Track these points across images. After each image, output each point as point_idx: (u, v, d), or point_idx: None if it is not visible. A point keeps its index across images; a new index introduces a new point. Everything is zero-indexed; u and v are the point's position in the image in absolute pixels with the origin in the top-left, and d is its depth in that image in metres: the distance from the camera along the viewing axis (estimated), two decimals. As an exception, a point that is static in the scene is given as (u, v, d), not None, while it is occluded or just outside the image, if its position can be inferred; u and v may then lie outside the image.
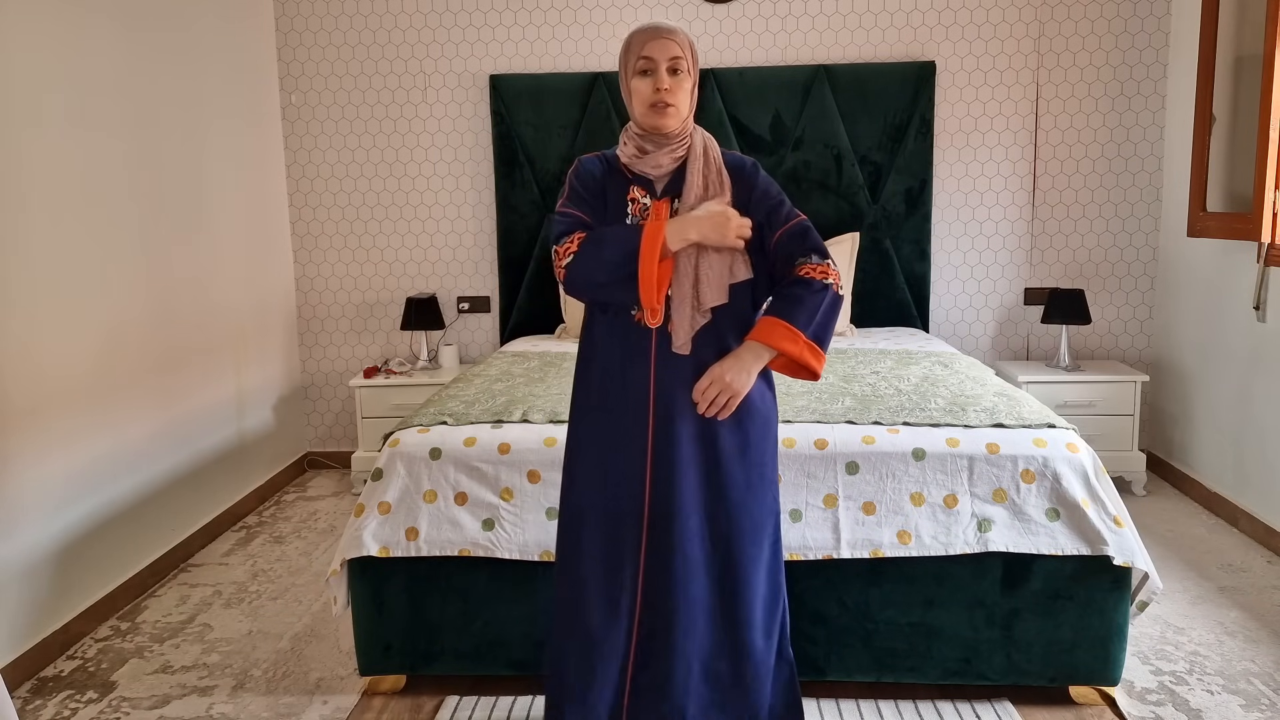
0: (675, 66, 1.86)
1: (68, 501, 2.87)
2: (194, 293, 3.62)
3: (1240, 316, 3.59)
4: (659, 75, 1.85)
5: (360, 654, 2.50)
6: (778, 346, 1.86)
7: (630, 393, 1.91)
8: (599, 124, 4.22)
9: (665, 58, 1.85)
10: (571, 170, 1.99)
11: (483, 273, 4.50)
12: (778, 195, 1.94)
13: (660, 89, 1.84)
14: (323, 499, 4.17)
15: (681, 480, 1.89)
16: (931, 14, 4.22)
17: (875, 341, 3.79)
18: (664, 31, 1.86)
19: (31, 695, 2.58)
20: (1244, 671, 2.57)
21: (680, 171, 1.92)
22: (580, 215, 1.92)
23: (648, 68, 1.86)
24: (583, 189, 1.94)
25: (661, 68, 1.85)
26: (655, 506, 1.91)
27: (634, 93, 1.89)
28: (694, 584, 1.92)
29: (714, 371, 1.87)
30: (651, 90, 1.85)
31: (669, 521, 1.90)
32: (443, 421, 2.55)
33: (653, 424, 1.90)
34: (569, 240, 1.88)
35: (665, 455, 1.89)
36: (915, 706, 2.40)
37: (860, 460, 2.37)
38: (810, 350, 1.86)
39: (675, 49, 1.85)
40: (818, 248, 1.90)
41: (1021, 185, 4.30)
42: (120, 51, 3.18)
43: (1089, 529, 2.29)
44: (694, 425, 1.90)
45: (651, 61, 1.85)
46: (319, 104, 4.42)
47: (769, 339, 1.86)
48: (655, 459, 1.90)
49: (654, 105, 1.86)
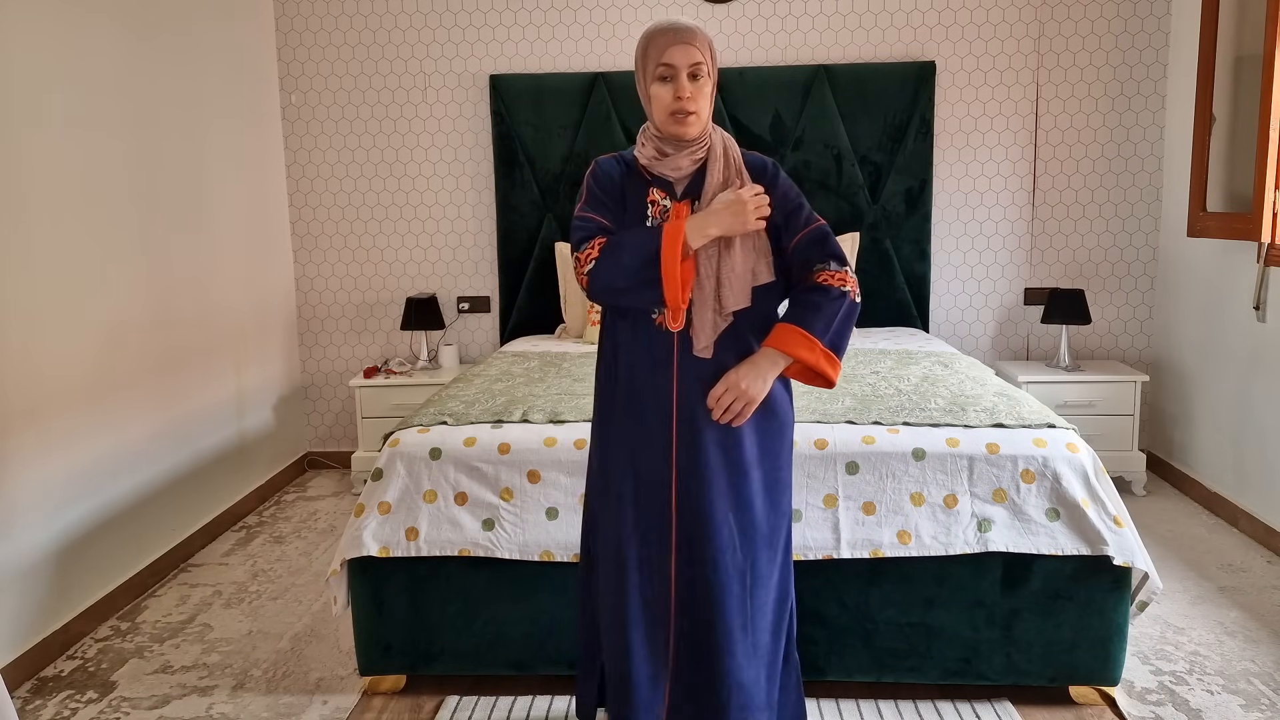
0: (696, 72, 1.80)
1: (68, 501, 2.87)
2: (194, 293, 3.62)
3: (1240, 316, 3.59)
4: (680, 83, 1.80)
5: (360, 654, 2.50)
6: (794, 354, 1.84)
7: (654, 398, 1.89)
8: (599, 124, 4.22)
9: (686, 64, 1.79)
10: (589, 172, 1.95)
11: (483, 273, 4.50)
12: (797, 198, 1.91)
13: (681, 98, 1.80)
14: (323, 499, 4.17)
15: (710, 488, 1.87)
16: (931, 14, 4.22)
17: (875, 341, 3.79)
18: (684, 35, 1.80)
19: (31, 695, 2.58)
20: (1244, 671, 2.57)
21: (700, 173, 1.89)
22: (600, 220, 1.88)
23: (668, 74, 1.81)
24: (601, 192, 1.91)
25: (682, 75, 1.80)
26: (683, 516, 1.89)
27: (653, 99, 1.84)
28: (730, 596, 1.89)
29: (730, 378, 1.84)
30: (672, 98, 1.80)
31: (701, 528, 1.88)
32: (443, 421, 2.55)
33: (676, 429, 1.88)
34: (589, 246, 1.84)
35: (691, 461, 1.88)
36: (915, 706, 2.39)
37: (860, 460, 2.37)
38: (827, 358, 1.84)
39: (696, 54, 1.80)
40: (836, 254, 1.88)
41: (1021, 185, 4.30)
42: (120, 52, 3.18)
43: (1089, 529, 2.29)
44: (717, 430, 1.88)
45: (672, 69, 1.80)
46: (319, 104, 4.42)
47: (786, 346, 1.84)
48: (680, 465, 1.88)
49: (674, 114, 1.81)
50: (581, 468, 2.39)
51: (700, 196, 1.87)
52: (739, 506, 1.90)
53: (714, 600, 1.89)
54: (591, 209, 1.90)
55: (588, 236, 1.86)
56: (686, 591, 1.91)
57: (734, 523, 1.90)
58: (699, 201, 1.88)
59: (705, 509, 1.87)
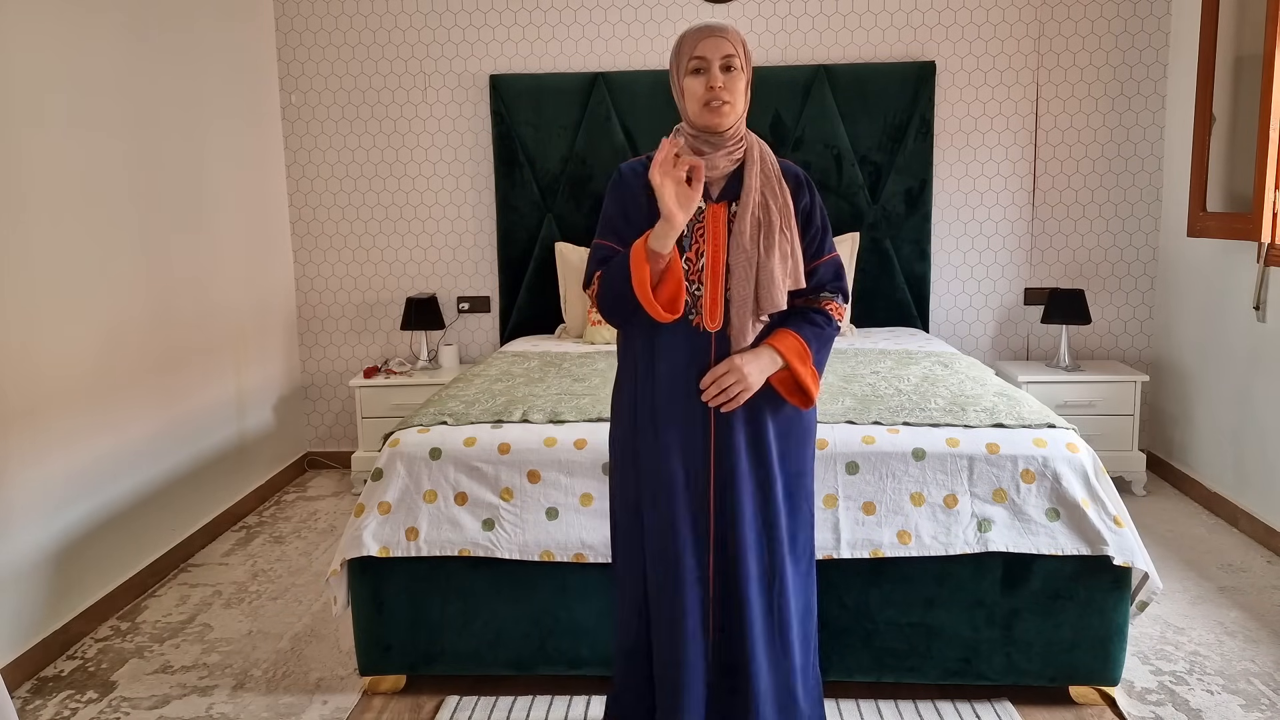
0: (728, 64, 1.82)
1: (68, 501, 2.87)
2: (194, 293, 3.62)
3: (1240, 316, 3.59)
4: (712, 73, 1.81)
5: (360, 654, 2.50)
6: (792, 365, 1.86)
7: (690, 399, 1.88)
8: (599, 124, 4.22)
9: (718, 55, 1.81)
10: (610, 184, 1.95)
11: (483, 273, 4.50)
12: (823, 220, 1.95)
13: (714, 86, 1.81)
14: (323, 499, 4.17)
15: (741, 493, 1.87)
16: (931, 14, 4.22)
17: (875, 341, 3.79)
18: (716, 30, 1.83)
19: (31, 695, 2.58)
20: (1244, 671, 2.57)
21: (735, 175, 1.89)
22: (610, 245, 1.90)
23: (700, 66, 1.82)
24: (617, 210, 1.91)
25: (715, 65, 1.81)
26: (719, 519, 1.89)
27: (687, 91, 1.85)
28: (757, 601, 1.89)
29: (733, 362, 1.84)
30: (705, 88, 1.82)
31: (734, 533, 1.88)
32: (443, 421, 2.55)
33: (714, 431, 1.88)
34: (595, 281, 1.90)
35: (726, 464, 1.88)
36: (915, 706, 2.39)
37: (860, 460, 2.37)
38: (813, 378, 1.89)
39: (728, 47, 1.82)
40: (844, 290, 1.97)
41: (1021, 185, 4.30)
42: (121, 52, 3.18)
43: (1089, 529, 2.29)
44: (748, 431, 1.88)
45: (704, 60, 1.82)
46: (319, 104, 4.42)
47: (788, 354, 1.86)
48: (716, 468, 1.88)
49: (708, 104, 1.82)
50: (582, 468, 2.39)
51: (740, 199, 1.86)
52: (765, 510, 1.90)
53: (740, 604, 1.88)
54: (604, 233, 1.92)
55: (595, 269, 1.91)
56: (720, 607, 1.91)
57: (760, 527, 1.90)
58: (736, 204, 1.87)
59: (737, 512, 1.87)
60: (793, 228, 1.87)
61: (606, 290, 1.86)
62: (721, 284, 1.86)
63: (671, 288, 1.80)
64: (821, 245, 1.94)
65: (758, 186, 1.86)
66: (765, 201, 1.86)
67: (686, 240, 1.87)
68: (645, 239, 1.80)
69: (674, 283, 1.81)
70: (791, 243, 1.87)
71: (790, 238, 1.87)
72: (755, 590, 1.89)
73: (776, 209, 1.86)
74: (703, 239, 1.87)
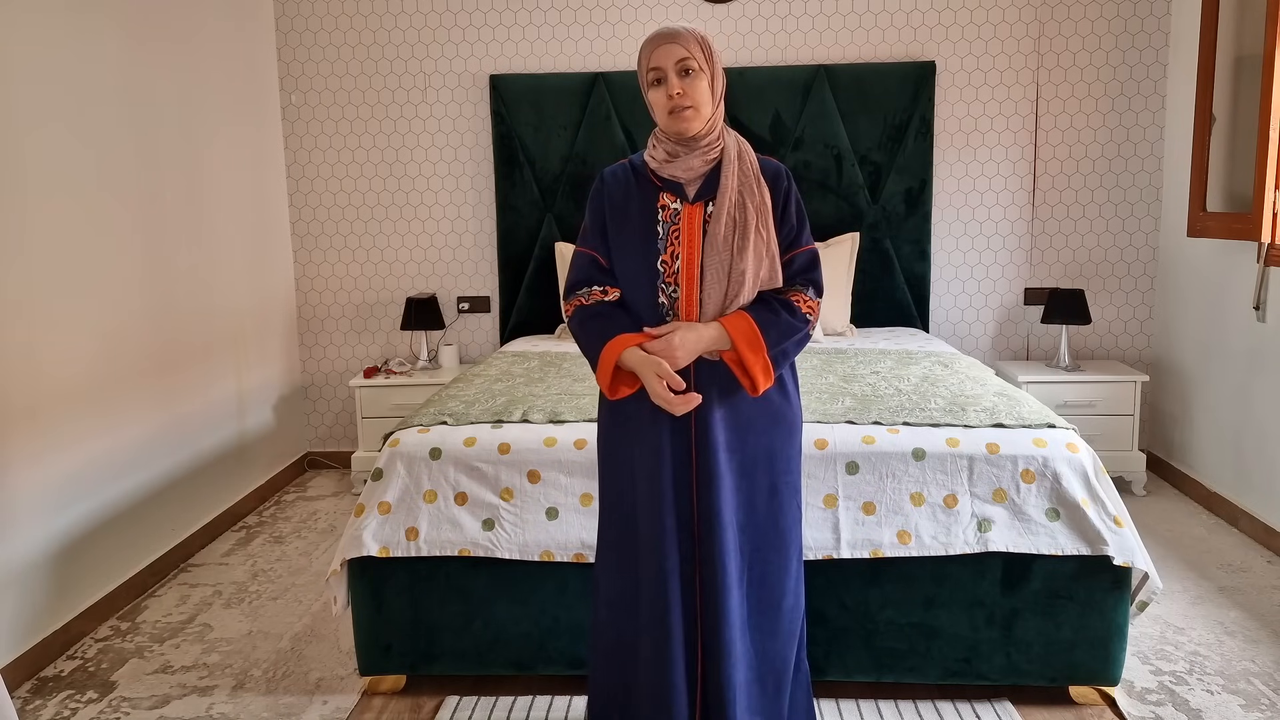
0: (685, 68, 1.83)
1: (67, 502, 2.87)
2: (194, 293, 3.62)
3: (1240, 316, 3.59)
4: (670, 82, 1.83)
5: (360, 654, 2.50)
6: (739, 349, 1.84)
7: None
8: (599, 124, 4.22)
9: (672, 62, 1.82)
10: (593, 190, 1.98)
11: (483, 273, 4.50)
12: (800, 215, 1.94)
13: (672, 95, 1.82)
14: (323, 499, 4.17)
15: (720, 492, 1.87)
16: (931, 14, 4.22)
17: (875, 341, 3.79)
18: (667, 36, 1.84)
19: (31, 695, 2.58)
20: (1244, 671, 2.57)
21: (713, 175, 1.89)
22: (593, 255, 1.94)
23: (658, 76, 1.85)
24: (599, 215, 1.95)
25: (671, 74, 1.83)
26: (702, 520, 1.89)
27: (652, 103, 1.88)
28: (731, 599, 1.89)
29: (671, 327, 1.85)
30: (665, 98, 1.84)
31: (711, 534, 1.88)
32: (443, 421, 2.55)
33: (695, 431, 1.88)
34: (574, 298, 1.96)
35: (706, 463, 1.88)
36: (915, 706, 2.39)
37: (860, 460, 2.37)
38: (764, 369, 1.85)
39: (680, 51, 1.82)
40: (816, 283, 1.93)
41: (1021, 185, 4.30)
42: (121, 52, 3.18)
43: (1089, 529, 2.29)
44: (728, 431, 1.89)
45: (660, 70, 1.84)
46: (319, 104, 4.42)
47: (737, 337, 1.84)
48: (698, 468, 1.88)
49: (671, 112, 1.84)
50: (582, 468, 2.39)
51: (715, 199, 1.87)
52: (745, 510, 1.90)
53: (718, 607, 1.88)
54: (587, 241, 1.96)
55: (573, 286, 1.96)
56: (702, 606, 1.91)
57: (740, 527, 1.90)
58: (713, 204, 1.87)
59: (715, 512, 1.87)
60: (769, 227, 1.87)
61: (578, 335, 1.94)
62: (697, 286, 1.87)
63: (627, 383, 1.88)
64: (797, 238, 1.93)
65: (734, 186, 1.87)
66: (742, 201, 1.86)
67: (662, 243, 1.88)
68: (626, 344, 1.85)
69: (632, 385, 1.87)
70: (768, 242, 1.87)
71: (766, 237, 1.86)
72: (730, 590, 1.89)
73: (754, 207, 1.86)
74: (678, 241, 1.87)
